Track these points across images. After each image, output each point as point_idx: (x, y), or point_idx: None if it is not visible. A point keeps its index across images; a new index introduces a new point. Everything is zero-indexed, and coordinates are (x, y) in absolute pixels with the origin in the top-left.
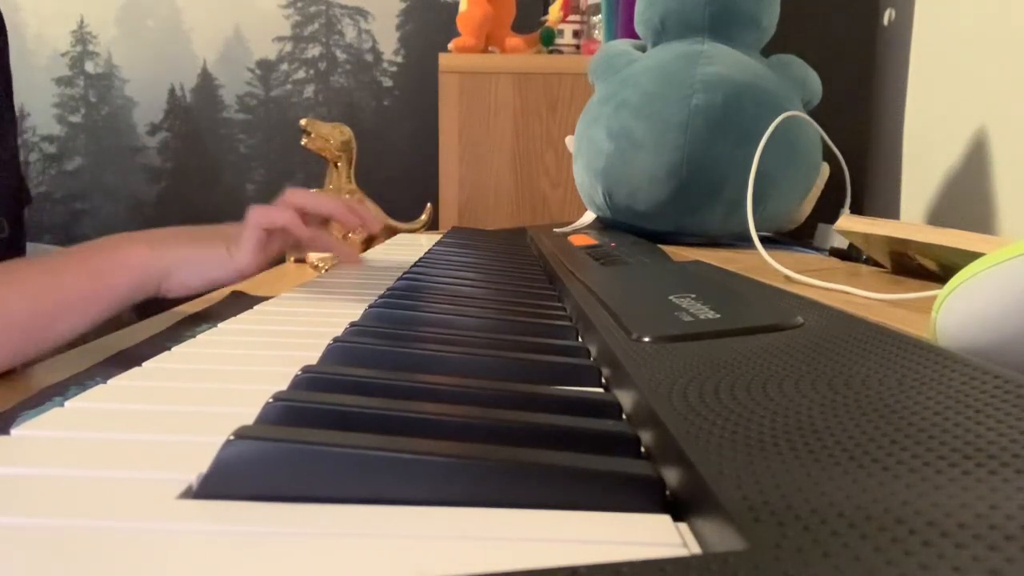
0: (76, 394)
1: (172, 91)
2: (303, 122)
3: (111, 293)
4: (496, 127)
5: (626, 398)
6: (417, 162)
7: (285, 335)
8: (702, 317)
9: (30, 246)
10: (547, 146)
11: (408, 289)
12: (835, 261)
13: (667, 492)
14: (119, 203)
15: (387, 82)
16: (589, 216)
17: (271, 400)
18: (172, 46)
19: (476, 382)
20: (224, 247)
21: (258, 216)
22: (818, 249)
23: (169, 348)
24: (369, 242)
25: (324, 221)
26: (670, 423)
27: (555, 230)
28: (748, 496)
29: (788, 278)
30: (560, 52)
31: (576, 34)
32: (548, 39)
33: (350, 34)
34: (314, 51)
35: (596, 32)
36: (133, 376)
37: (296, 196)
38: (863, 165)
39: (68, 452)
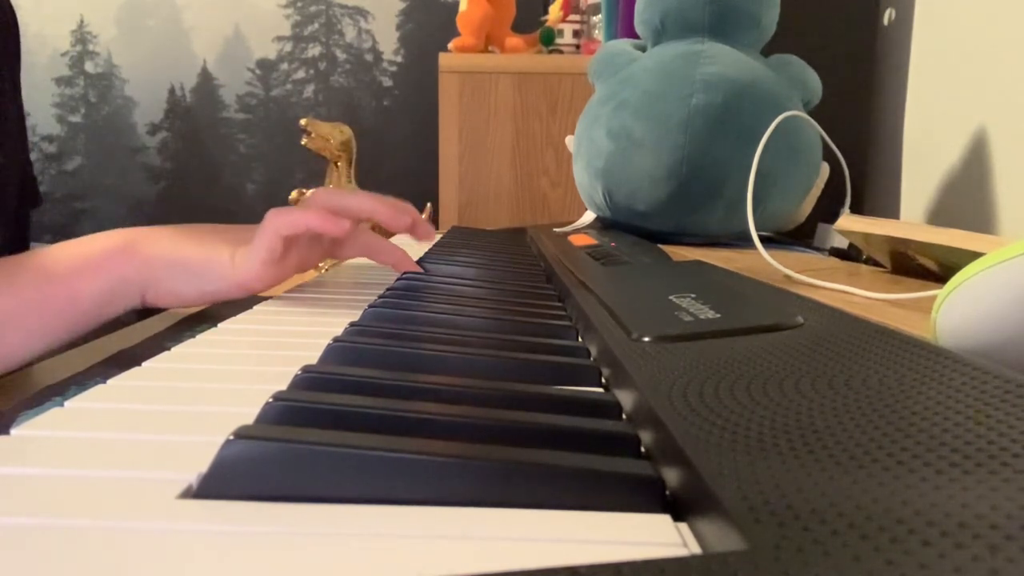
0: (76, 394)
1: (172, 91)
2: (303, 122)
3: (73, 304)
4: (496, 127)
5: (626, 398)
6: (417, 162)
7: (285, 335)
8: (702, 317)
9: (31, 247)
10: (547, 146)
11: (408, 289)
12: (835, 261)
13: (667, 492)
14: (119, 203)
15: (387, 82)
16: (589, 216)
17: (271, 400)
18: (172, 46)
19: (476, 382)
20: (228, 254)
21: (276, 220)
22: (818, 249)
23: (169, 348)
24: None
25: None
26: (670, 423)
27: (555, 230)
28: (748, 496)
29: (788, 278)
30: (560, 52)
31: (576, 34)
32: (548, 39)
33: (350, 34)
34: (314, 51)
35: (596, 32)
36: (133, 376)
37: (323, 197)
38: (863, 165)
39: (68, 452)
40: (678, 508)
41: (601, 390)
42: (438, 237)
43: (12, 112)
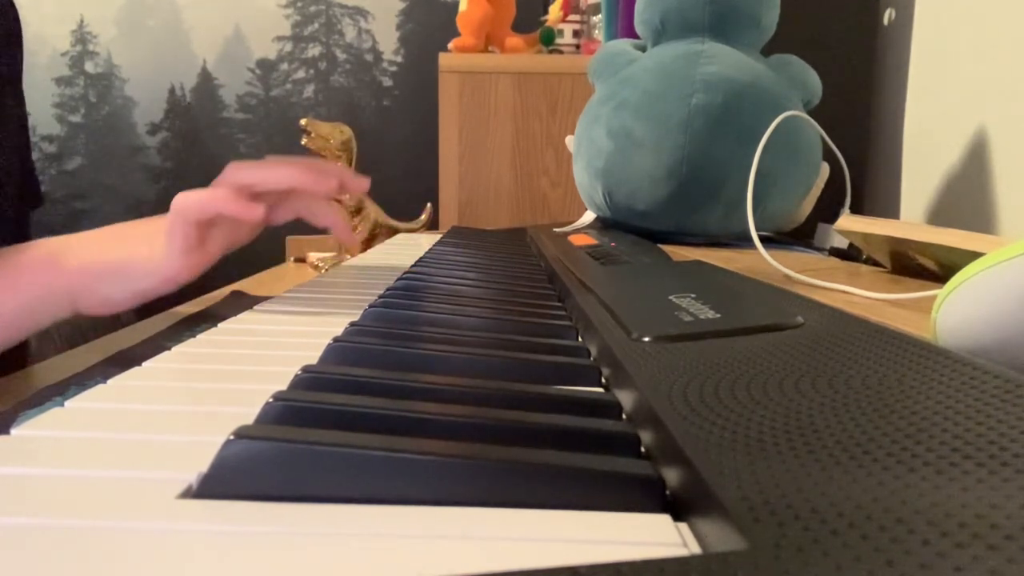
0: (76, 394)
1: (172, 91)
2: (303, 122)
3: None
4: (496, 127)
5: (626, 398)
6: (417, 162)
7: (285, 335)
8: (702, 317)
9: None
10: (547, 146)
11: (408, 289)
12: (835, 261)
13: (667, 492)
14: (119, 203)
15: (387, 82)
16: (589, 216)
17: (271, 400)
18: (172, 46)
19: (476, 382)
20: (149, 250)
21: (183, 207)
22: (818, 249)
23: (169, 348)
24: (369, 242)
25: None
26: (670, 423)
27: (555, 230)
28: (748, 496)
29: (788, 278)
30: (560, 52)
31: (576, 34)
32: (548, 39)
33: (350, 34)
34: (314, 51)
35: (596, 32)
36: (133, 376)
37: (238, 172)
38: (863, 165)
39: (68, 452)
40: (678, 508)
41: (601, 390)
42: (438, 237)
43: (12, 113)
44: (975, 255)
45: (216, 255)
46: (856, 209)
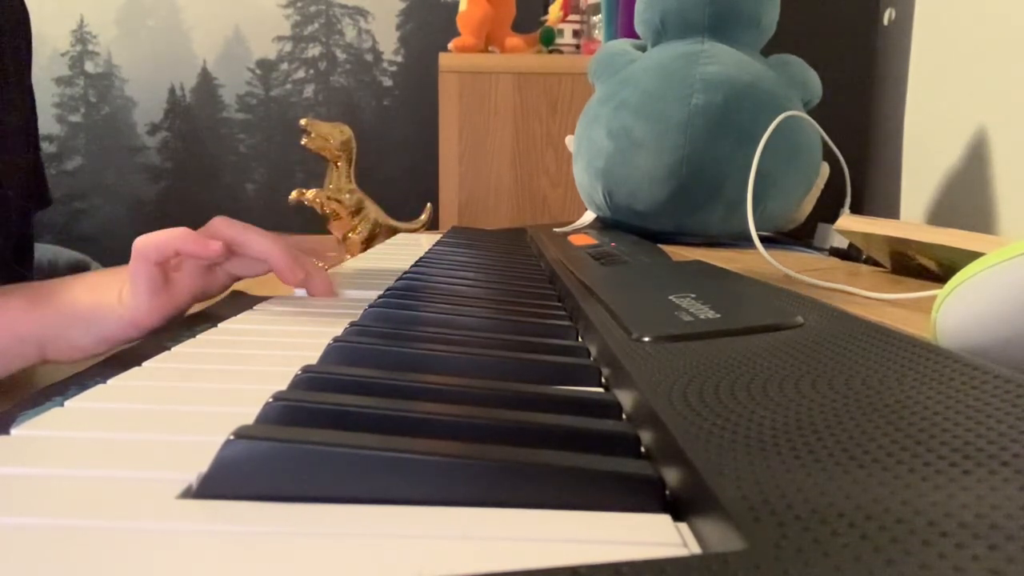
0: (76, 394)
1: (172, 91)
2: (303, 122)
3: None
4: (496, 127)
5: (626, 398)
6: (417, 162)
7: (285, 335)
8: (702, 317)
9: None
10: (547, 146)
11: (408, 289)
12: (835, 261)
13: (667, 492)
14: (119, 203)
15: (387, 82)
16: (589, 216)
17: (271, 400)
18: (172, 46)
19: (476, 382)
20: (116, 295)
21: (142, 248)
22: (818, 249)
23: (169, 348)
24: (369, 242)
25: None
26: (670, 423)
27: (555, 230)
28: (748, 496)
29: (788, 278)
30: (560, 52)
31: (576, 34)
32: (548, 39)
33: (350, 34)
34: (314, 51)
35: (596, 32)
36: (133, 376)
37: (221, 226)
38: (863, 165)
39: (68, 452)
40: (678, 508)
41: (601, 390)
42: (438, 237)
43: (14, 114)
44: (975, 255)
45: (184, 300)
46: (856, 209)
